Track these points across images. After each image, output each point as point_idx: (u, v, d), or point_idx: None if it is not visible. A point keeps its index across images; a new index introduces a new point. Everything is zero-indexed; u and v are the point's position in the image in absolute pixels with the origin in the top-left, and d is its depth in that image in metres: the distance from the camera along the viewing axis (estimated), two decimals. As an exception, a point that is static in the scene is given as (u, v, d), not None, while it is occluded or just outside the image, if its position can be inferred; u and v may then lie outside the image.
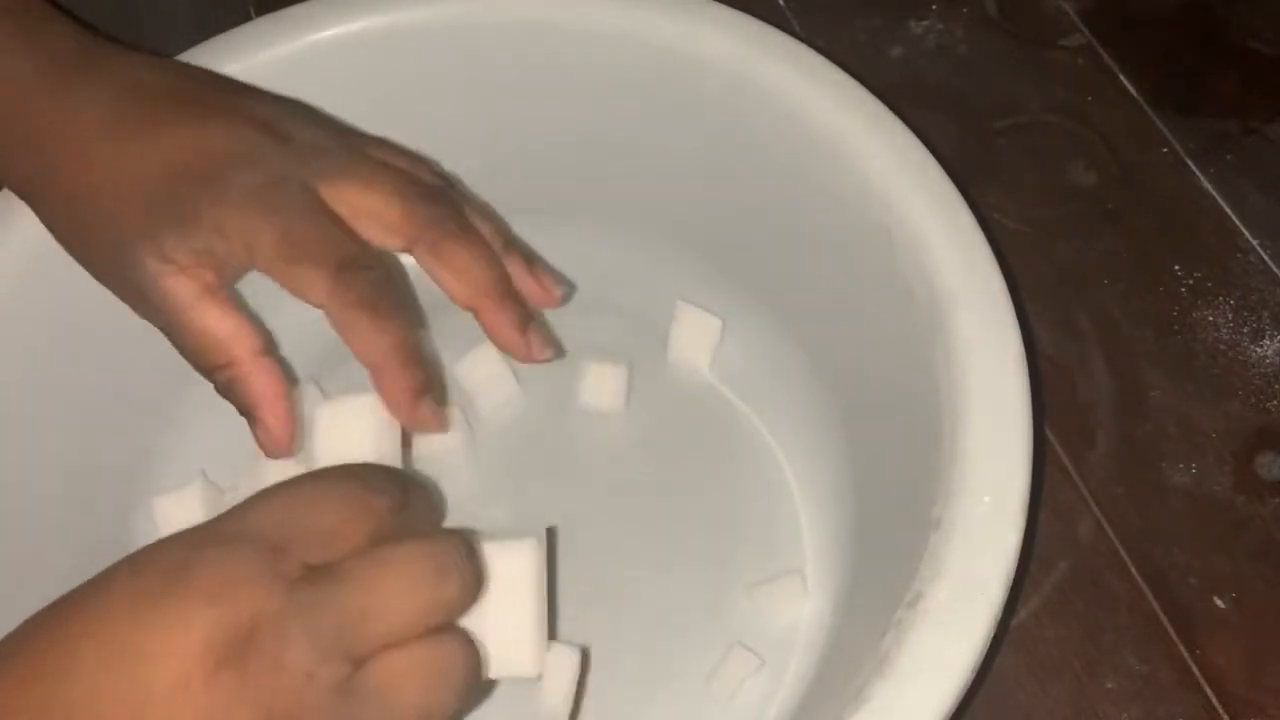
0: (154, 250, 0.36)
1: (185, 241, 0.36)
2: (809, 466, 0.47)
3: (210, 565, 0.27)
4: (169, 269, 0.36)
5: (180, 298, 0.37)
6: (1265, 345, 0.51)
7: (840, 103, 0.42)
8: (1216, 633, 0.45)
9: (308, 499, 0.30)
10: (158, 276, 0.36)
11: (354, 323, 0.36)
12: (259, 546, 0.28)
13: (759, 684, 0.42)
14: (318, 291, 0.36)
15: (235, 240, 0.36)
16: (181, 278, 0.37)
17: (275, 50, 0.46)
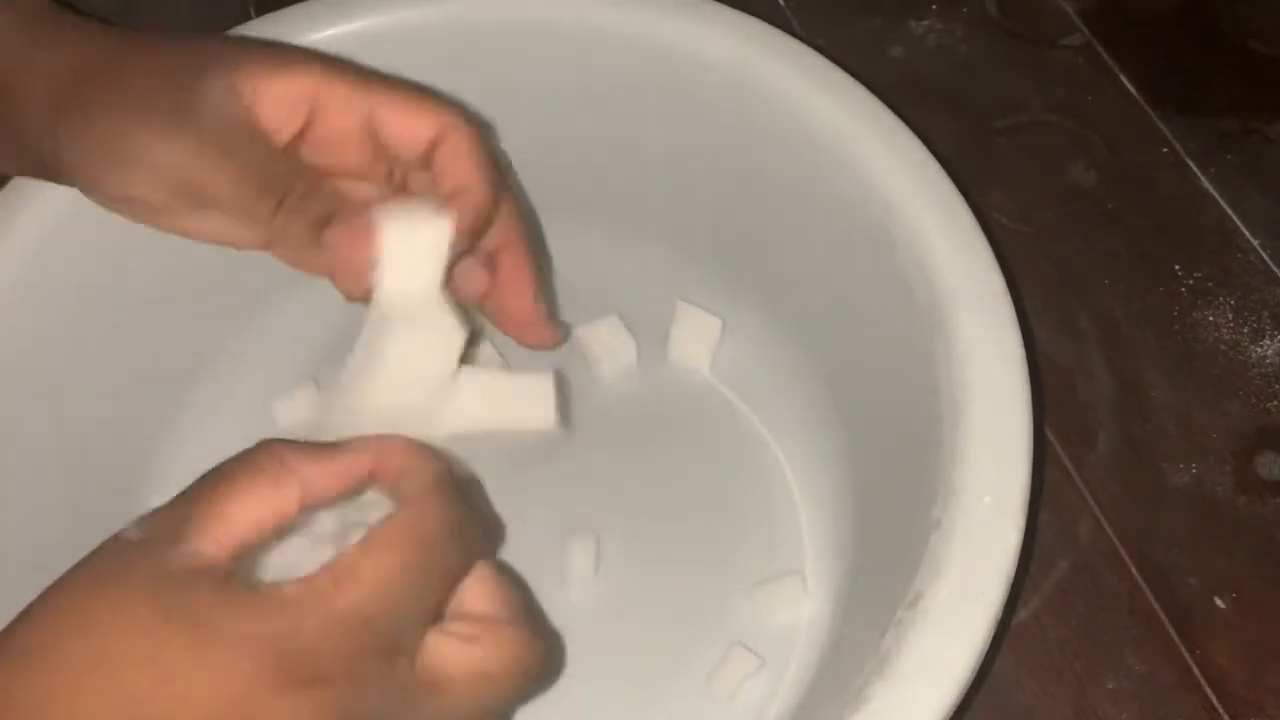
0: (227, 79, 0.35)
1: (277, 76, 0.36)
2: (809, 466, 0.47)
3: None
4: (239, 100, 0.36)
5: (246, 115, 0.36)
6: (1265, 345, 0.51)
7: (840, 103, 0.42)
8: (1217, 633, 0.45)
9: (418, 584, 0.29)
10: (228, 96, 0.35)
11: (475, 147, 0.36)
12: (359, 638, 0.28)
13: (759, 684, 0.42)
14: (452, 116, 0.36)
15: (341, 77, 0.36)
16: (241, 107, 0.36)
17: (275, 50, 0.46)
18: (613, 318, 0.49)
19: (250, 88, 0.36)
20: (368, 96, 0.36)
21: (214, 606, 0.27)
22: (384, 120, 0.36)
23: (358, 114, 0.36)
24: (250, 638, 0.27)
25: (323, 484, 0.30)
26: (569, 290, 0.52)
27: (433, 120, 0.36)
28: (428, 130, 0.36)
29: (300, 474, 0.30)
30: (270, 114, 0.36)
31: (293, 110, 0.36)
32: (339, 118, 0.36)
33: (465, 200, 0.36)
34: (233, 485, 0.29)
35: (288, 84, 0.36)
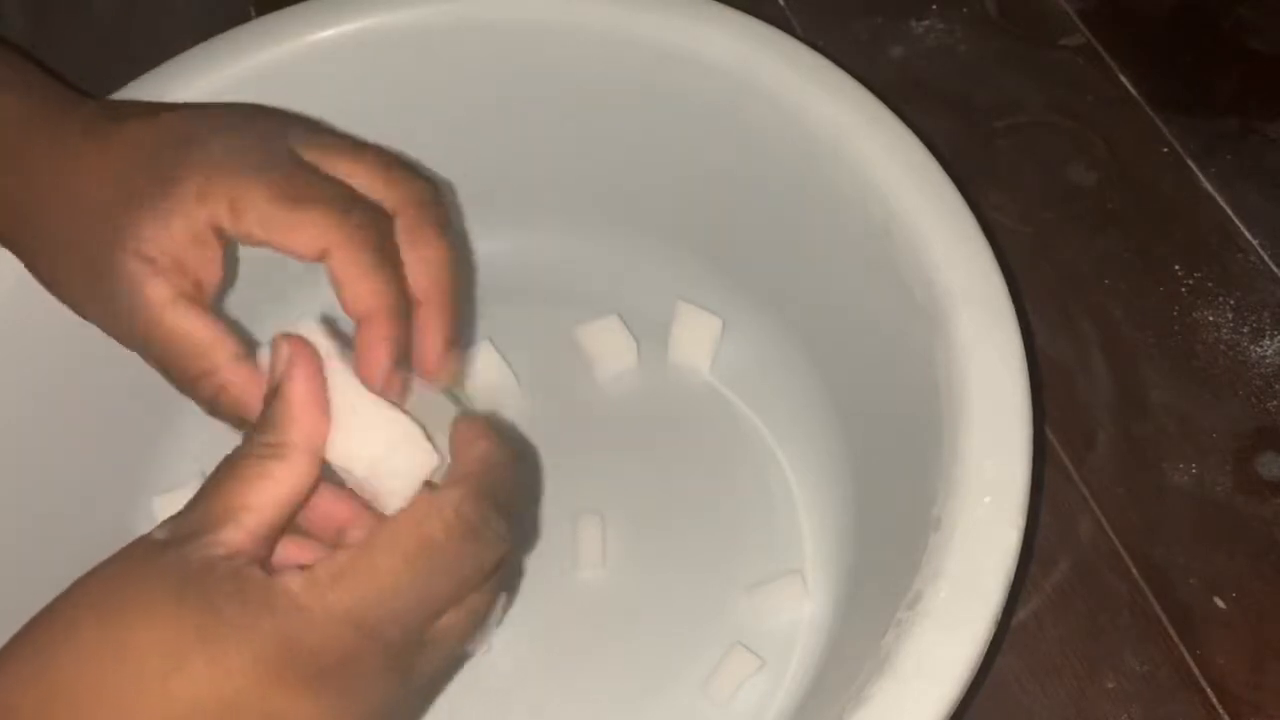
0: (134, 247, 0.34)
1: (169, 226, 0.34)
2: (809, 466, 0.47)
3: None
4: (147, 269, 0.34)
5: (158, 298, 0.34)
6: (1265, 345, 0.51)
7: (840, 102, 0.42)
8: (1217, 633, 0.45)
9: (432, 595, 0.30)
10: (136, 277, 0.34)
11: (359, 263, 0.34)
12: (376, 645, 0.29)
13: (759, 684, 0.42)
14: (324, 234, 0.33)
15: (220, 202, 0.34)
16: (160, 280, 0.34)
17: (275, 50, 0.46)
18: (613, 318, 0.49)
19: (155, 248, 0.34)
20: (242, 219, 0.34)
21: (226, 595, 0.27)
22: (262, 240, 0.34)
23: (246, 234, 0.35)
24: (254, 629, 0.27)
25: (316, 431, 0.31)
26: (569, 290, 0.52)
27: (309, 239, 0.34)
28: (308, 247, 0.34)
29: (298, 444, 0.30)
30: (186, 253, 0.35)
31: (201, 241, 0.35)
32: (239, 236, 0.35)
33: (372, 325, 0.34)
34: (246, 473, 0.30)
35: (180, 224, 0.34)
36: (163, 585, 0.28)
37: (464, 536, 0.30)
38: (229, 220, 0.34)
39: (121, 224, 0.35)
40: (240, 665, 0.27)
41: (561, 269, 0.52)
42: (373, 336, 0.34)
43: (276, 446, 0.30)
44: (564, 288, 0.52)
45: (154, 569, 0.28)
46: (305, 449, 0.31)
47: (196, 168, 0.35)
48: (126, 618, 0.27)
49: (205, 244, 0.35)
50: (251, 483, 0.30)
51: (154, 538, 0.29)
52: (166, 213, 0.34)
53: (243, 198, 0.34)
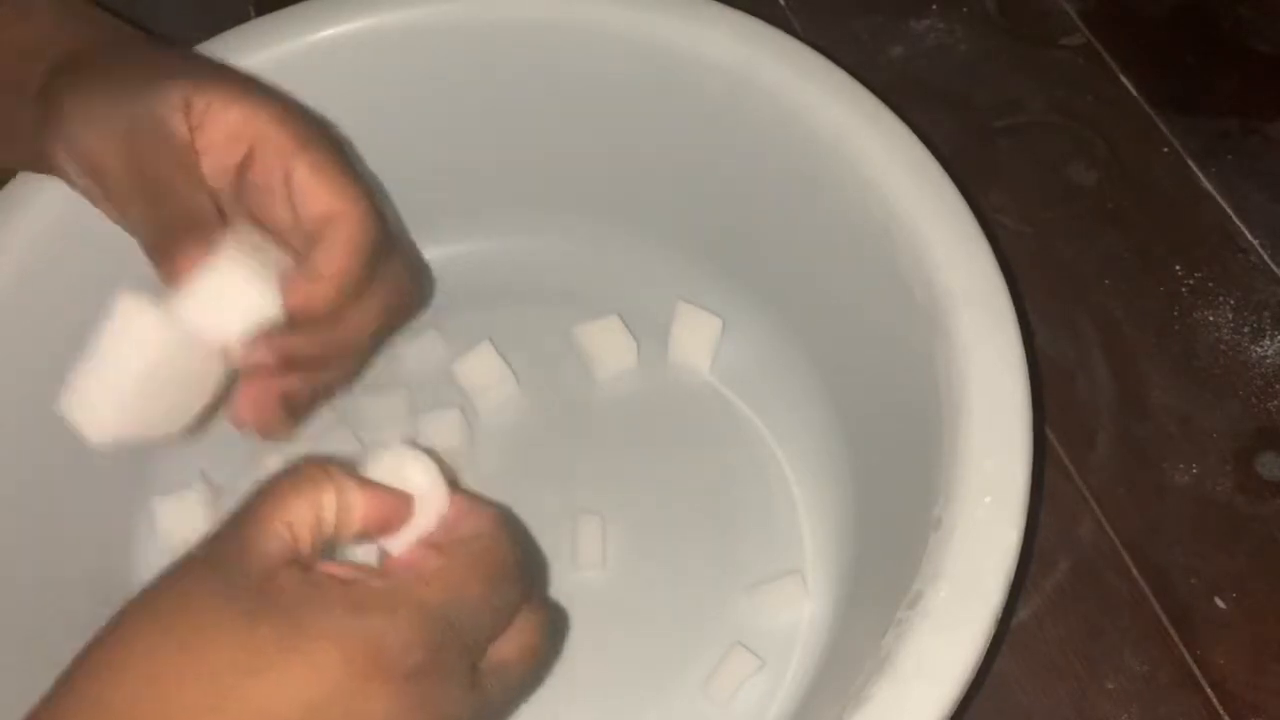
0: (183, 98, 0.36)
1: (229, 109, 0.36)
2: (809, 467, 0.47)
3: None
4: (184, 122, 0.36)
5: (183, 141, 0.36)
6: (1266, 345, 0.51)
7: (840, 102, 0.42)
8: (1217, 633, 0.45)
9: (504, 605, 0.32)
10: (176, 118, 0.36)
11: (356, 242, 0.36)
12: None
13: (759, 684, 0.42)
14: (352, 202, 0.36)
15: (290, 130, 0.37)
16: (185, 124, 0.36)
17: (275, 50, 0.46)
18: (613, 318, 0.49)
19: (203, 107, 0.36)
20: (296, 154, 0.36)
21: (299, 603, 0.28)
22: (296, 180, 0.36)
23: (282, 168, 0.36)
24: (340, 630, 0.28)
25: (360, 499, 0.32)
26: (569, 290, 0.52)
27: (333, 199, 0.36)
28: (325, 205, 0.36)
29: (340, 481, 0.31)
30: (211, 138, 0.37)
31: (231, 141, 0.37)
32: (269, 164, 0.37)
33: (316, 287, 0.36)
34: (283, 498, 0.30)
35: (236, 114, 0.36)
36: (229, 606, 0.28)
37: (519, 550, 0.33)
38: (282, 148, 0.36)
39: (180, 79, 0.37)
40: (329, 667, 0.27)
41: (561, 269, 0.52)
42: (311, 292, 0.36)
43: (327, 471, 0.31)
44: (564, 288, 0.52)
45: (214, 591, 0.28)
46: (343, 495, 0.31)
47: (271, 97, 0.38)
48: (197, 640, 0.27)
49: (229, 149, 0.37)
50: (300, 504, 0.30)
51: (199, 556, 0.29)
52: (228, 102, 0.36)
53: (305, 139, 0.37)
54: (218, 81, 0.37)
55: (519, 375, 0.49)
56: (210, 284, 0.35)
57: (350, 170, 0.37)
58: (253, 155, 0.37)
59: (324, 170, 0.36)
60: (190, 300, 0.35)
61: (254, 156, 0.37)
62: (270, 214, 0.38)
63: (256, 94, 0.37)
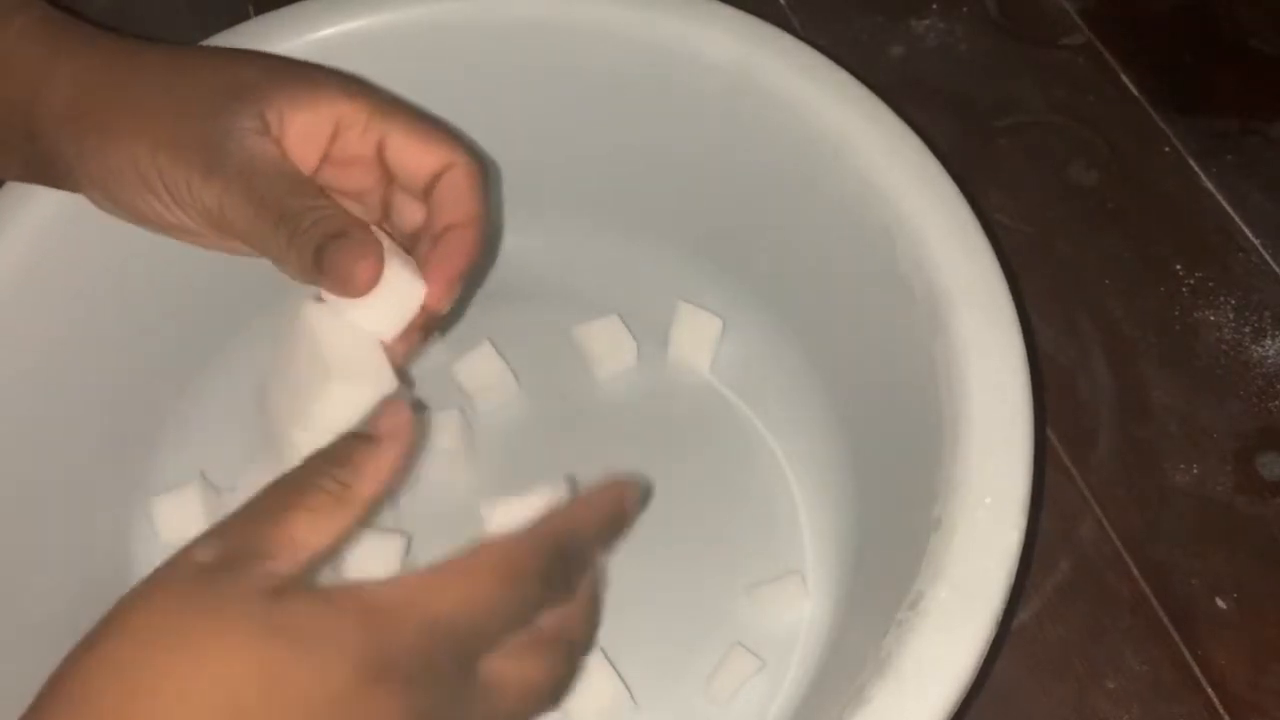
0: (259, 111, 0.37)
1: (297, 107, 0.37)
2: (809, 467, 0.47)
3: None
4: (266, 132, 0.37)
5: (272, 150, 0.37)
6: (1266, 345, 0.51)
7: (841, 102, 0.42)
8: (1217, 633, 0.45)
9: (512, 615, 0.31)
10: (255, 132, 0.36)
11: (475, 181, 0.38)
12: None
13: (759, 685, 0.42)
14: (454, 149, 0.38)
15: (362, 106, 0.38)
16: (273, 143, 0.37)
17: (275, 50, 0.46)
18: (613, 318, 0.49)
19: (278, 119, 0.37)
20: (384, 123, 0.38)
21: (312, 616, 0.28)
22: (395, 148, 0.38)
23: (372, 140, 0.38)
24: (350, 641, 0.28)
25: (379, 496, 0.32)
26: (569, 290, 0.52)
27: (441, 153, 0.38)
28: (434, 162, 0.38)
29: (361, 498, 0.31)
30: (296, 145, 0.37)
31: (316, 139, 0.38)
32: (355, 143, 0.38)
33: (458, 238, 0.38)
34: (298, 508, 0.30)
35: (313, 113, 0.37)
36: (241, 614, 0.28)
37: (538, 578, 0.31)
38: (364, 121, 0.38)
39: (258, 87, 0.37)
40: (337, 677, 0.27)
41: (561, 269, 0.52)
42: (464, 238, 0.38)
43: (345, 489, 0.31)
44: (564, 288, 0.52)
45: (222, 597, 0.28)
46: (366, 505, 0.31)
47: (349, 78, 0.39)
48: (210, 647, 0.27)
49: (313, 140, 0.38)
50: (311, 519, 0.30)
51: (199, 560, 0.29)
52: (304, 98, 0.37)
53: (388, 109, 0.38)
54: (277, 84, 0.37)
55: (519, 375, 0.49)
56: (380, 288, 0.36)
57: (432, 121, 0.39)
58: (335, 138, 0.38)
59: (416, 130, 0.38)
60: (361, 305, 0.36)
61: (336, 139, 0.38)
62: (350, 184, 0.39)
63: (315, 81, 0.38)
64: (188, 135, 0.37)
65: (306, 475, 0.31)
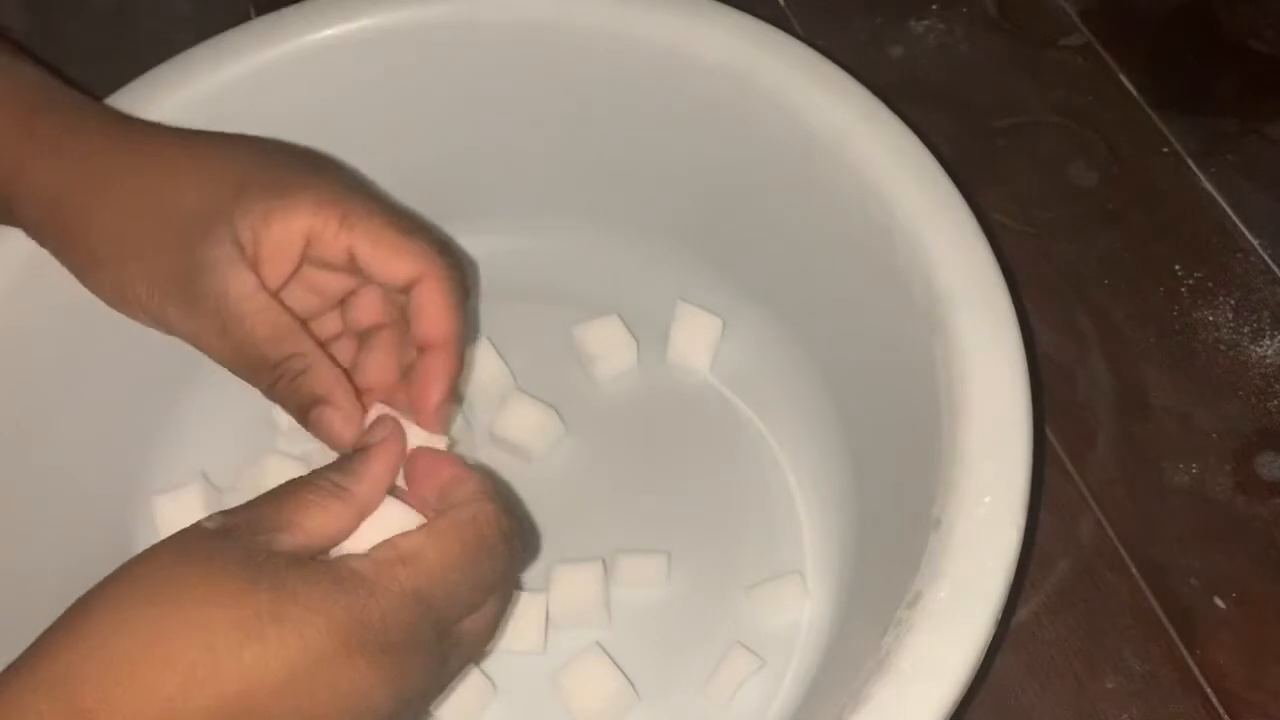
0: (231, 233, 0.37)
1: (269, 222, 0.37)
2: (809, 466, 0.47)
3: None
4: (239, 255, 0.37)
5: (248, 284, 0.37)
6: (1265, 345, 0.51)
7: (840, 102, 0.42)
8: (1217, 633, 0.45)
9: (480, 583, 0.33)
10: (228, 261, 0.36)
11: (448, 296, 0.38)
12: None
13: (759, 684, 0.42)
14: (425, 262, 0.37)
15: (332, 215, 0.37)
16: (248, 268, 0.37)
17: (275, 50, 0.46)
18: (613, 318, 0.49)
19: (251, 239, 0.37)
20: (350, 235, 0.37)
21: (295, 579, 0.30)
22: (364, 259, 0.38)
23: (342, 249, 0.38)
24: (327, 606, 0.29)
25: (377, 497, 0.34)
26: (569, 290, 0.52)
27: (409, 265, 0.38)
28: (405, 273, 0.38)
29: (359, 497, 0.33)
30: (270, 258, 0.37)
31: (290, 250, 0.38)
32: (327, 251, 0.38)
33: (433, 363, 0.38)
34: (303, 501, 0.32)
35: (284, 228, 0.37)
36: (230, 567, 0.29)
37: (504, 538, 0.34)
38: (333, 232, 0.37)
39: (227, 207, 0.37)
40: (315, 638, 0.29)
41: (561, 269, 0.52)
42: (438, 364, 0.38)
43: (342, 490, 0.33)
44: (564, 288, 0.52)
45: (218, 553, 0.30)
46: (362, 505, 0.33)
47: (321, 181, 0.38)
48: (196, 594, 0.29)
49: (287, 254, 0.38)
50: (310, 508, 0.32)
51: (205, 527, 0.31)
52: (271, 211, 0.37)
53: (361, 217, 0.37)
54: (247, 203, 0.37)
55: (519, 375, 0.49)
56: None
57: (405, 226, 0.38)
58: (309, 244, 0.38)
59: (383, 242, 0.37)
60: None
61: (310, 245, 0.38)
62: (334, 287, 0.40)
63: (286, 195, 0.37)
64: (164, 269, 0.38)
65: (308, 476, 0.34)
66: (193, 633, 0.28)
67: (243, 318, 0.37)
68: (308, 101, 0.47)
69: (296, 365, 0.37)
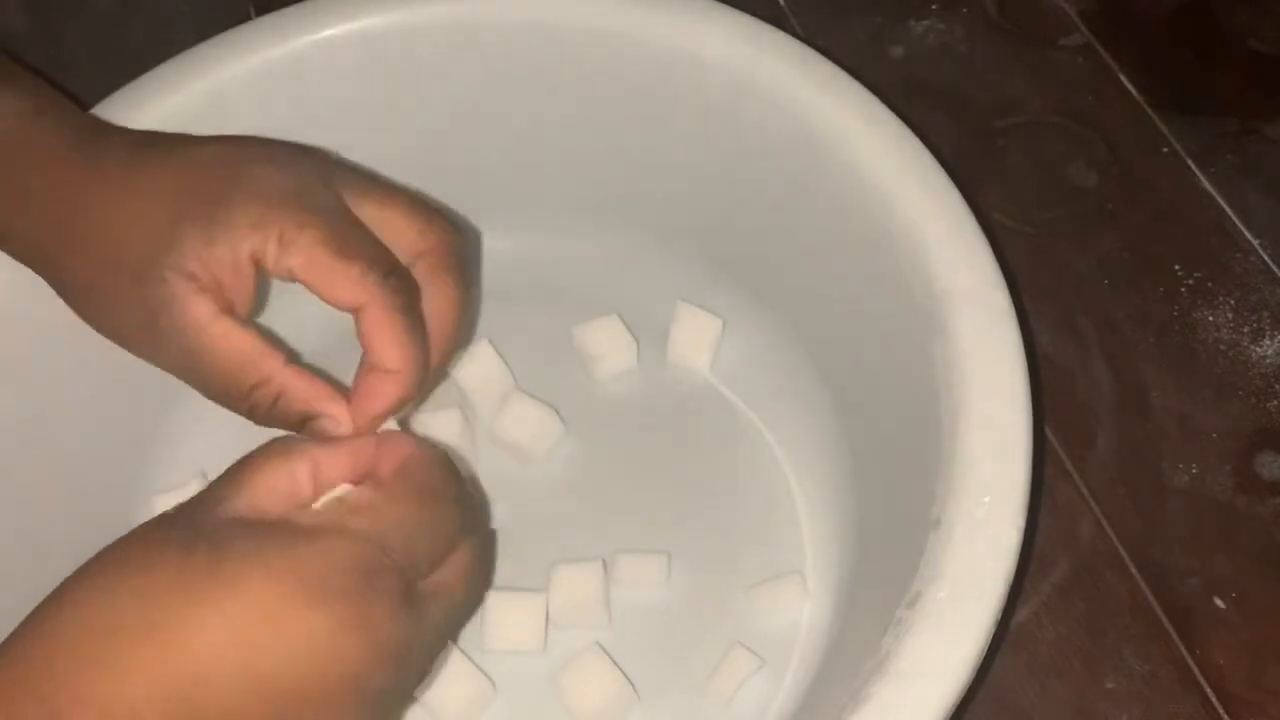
0: (178, 263, 0.35)
1: (213, 245, 0.35)
2: (809, 466, 0.47)
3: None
4: (191, 285, 0.35)
5: (203, 313, 0.35)
6: (1265, 345, 0.51)
7: (840, 102, 0.42)
8: (1216, 633, 0.45)
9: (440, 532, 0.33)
10: (180, 294, 0.35)
11: (393, 326, 0.36)
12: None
13: (759, 684, 0.42)
14: (364, 290, 0.35)
15: (270, 234, 0.35)
16: (203, 296, 0.35)
17: (275, 50, 0.46)
18: (613, 318, 0.49)
19: (201, 265, 0.35)
20: (287, 257, 0.35)
21: (232, 537, 0.30)
22: (302, 279, 0.36)
23: (284, 271, 0.36)
24: (267, 558, 0.29)
25: (330, 460, 0.33)
26: (569, 290, 0.52)
27: (345, 295, 0.36)
28: (343, 301, 0.36)
29: (310, 452, 0.33)
30: (228, 278, 0.36)
31: (244, 268, 0.36)
32: (276, 270, 0.36)
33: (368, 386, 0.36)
34: (249, 463, 0.32)
35: (229, 250, 0.35)
36: (170, 536, 0.30)
37: (457, 483, 0.34)
38: (274, 253, 0.35)
39: (166, 241, 0.36)
40: (253, 589, 0.29)
41: (561, 269, 0.52)
42: (380, 390, 0.36)
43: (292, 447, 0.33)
44: (564, 288, 0.52)
45: (163, 526, 0.31)
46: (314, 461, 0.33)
47: (254, 198, 0.36)
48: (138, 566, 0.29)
49: (242, 272, 0.36)
50: (258, 468, 0.32)
51: (164, 513, 0.32)
52: (212, 236, 0.35)
53: (295, 237, 0.35)
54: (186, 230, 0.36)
55: (519, 375, 0.49)
56: None
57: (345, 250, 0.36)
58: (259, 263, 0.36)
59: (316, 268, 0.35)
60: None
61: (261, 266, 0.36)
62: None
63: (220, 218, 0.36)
64: (127, 320, 0.37)
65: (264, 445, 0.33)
66: (139, 605, 0.29)
67: (202, 351, 0.36)
68: (308, 101, 0.47)
69: (268, 392, 0.36)
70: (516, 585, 0.44)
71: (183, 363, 0.36)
